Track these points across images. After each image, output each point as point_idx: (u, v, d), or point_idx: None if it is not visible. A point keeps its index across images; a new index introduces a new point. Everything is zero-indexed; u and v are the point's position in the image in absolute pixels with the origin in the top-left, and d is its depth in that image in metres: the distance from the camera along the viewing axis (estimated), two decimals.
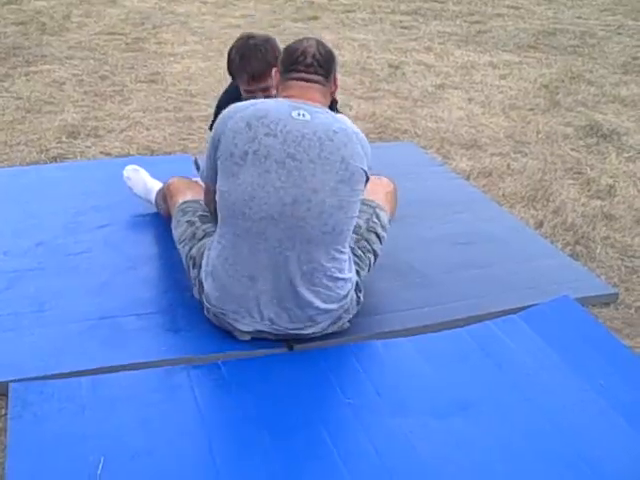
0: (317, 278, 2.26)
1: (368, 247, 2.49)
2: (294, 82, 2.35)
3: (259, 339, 2.36)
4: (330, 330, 2.37)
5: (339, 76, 2.49)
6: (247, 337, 2.35)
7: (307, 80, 2.34)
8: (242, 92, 2.85)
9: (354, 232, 2.42)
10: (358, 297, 2.42)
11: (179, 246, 2.59)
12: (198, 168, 3.64)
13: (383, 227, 2.55)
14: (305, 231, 2.21)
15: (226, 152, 2.24)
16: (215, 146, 2.30)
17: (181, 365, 2.25)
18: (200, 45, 6.17)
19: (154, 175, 3.22)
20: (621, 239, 3.18)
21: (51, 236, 3.00)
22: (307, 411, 2.10)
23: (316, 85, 2.35)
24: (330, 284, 2.29)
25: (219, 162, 2.28)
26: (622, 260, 3.01)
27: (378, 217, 2.54)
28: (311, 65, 2.33)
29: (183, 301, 2.57)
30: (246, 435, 2.00)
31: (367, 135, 4.23)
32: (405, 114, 4.65)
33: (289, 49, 2.39)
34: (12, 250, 2.89)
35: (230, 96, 2.91)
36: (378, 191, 2.63)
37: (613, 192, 3.63)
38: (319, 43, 2.39)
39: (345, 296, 2.33)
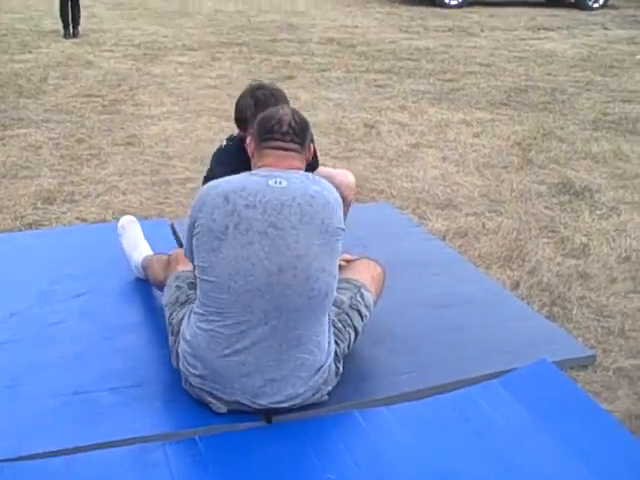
0: (303, 344, 2.25)
1: (349, 322, 2.48)
2: (270, 151, 2.37)
3: (237, 411, 2.33)
4: (310, 402, 2.34)
5: (315, 137, 2.52)
6: (224, 409, 2.32)
7: (284, 149, 2.36)
8: None
9: (336, 305, 2.42)
10: (337, 368, 2.40)
11: (165, 310, 2.58)
12: (175, 233, 3.64)
13: (367, 306, 2.54)
14: (291, 299, 2.20)
15: (204, 228, 2.24)
16: (193, 224, 2.30)
17: (157, 442, 2.21)
18: (177, 106, 6.22)
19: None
20: (596, 299, 3.20)
21: (25, 306, 2.97)
22: None
23: (292, 153, 2.38)
24: (314, 349, 2.28)
25: (195, 239, 2.28)
26: (598, 321, 3.03)
27: (362, 296, 2.54)
28: (287, 133, 2.36)
29: (159, 374, 2.54)
30: None
31: None
32: (381, 174, 4.70)
33: (264, 118, 2.41)
34: None
35: (229, 154, 2.88)
36: (364, 271, 2.63)
37: (587, 251, 3.67)
38: (294, 112, 2.42)
39: (325, 363, 2.32)
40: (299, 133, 2.38)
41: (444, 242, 3.72)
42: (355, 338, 2.51)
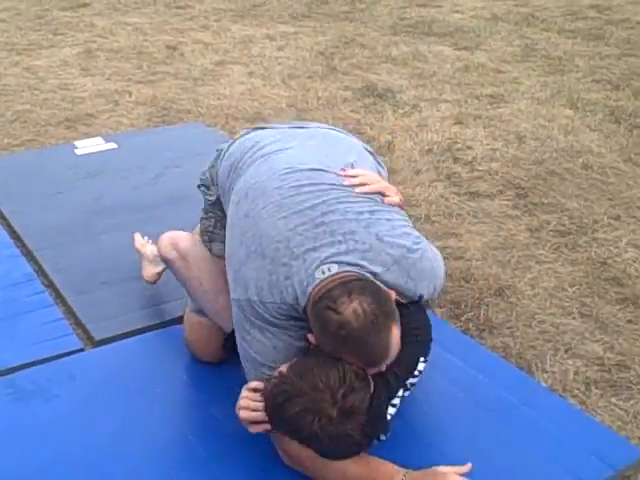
0: None
1: None
2: None
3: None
4: None
5: (116, 63, 2.34)
6: None
7: None
8: None
9: None
10: None
11: None
12: None
13: None
14: None
15: None
16: None
17: None
18: None
19: None
20: (404, 191, 3.33)
21: None
22: (113, 405, 2.06)
23: None
24: None
25: None
26: (406, 210, 3.17)
27: None
28: None
29: None
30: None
31: (150, 120, 4.22)
32: (187, 94, 4.60)
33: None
34: None
35: None
36: None
37: (392, 147, 3.81)
38: None
39: None
40: None
41: None
42: None
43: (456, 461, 1.86)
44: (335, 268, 1.72)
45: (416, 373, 1.83)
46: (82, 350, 2.30)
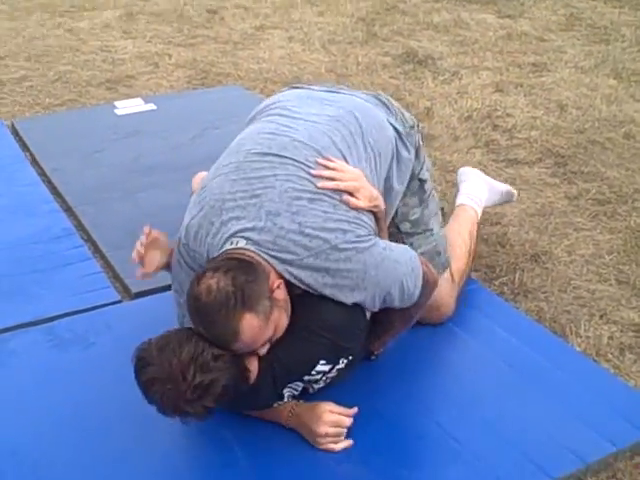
0: None
1: None
2: None
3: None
4: None
5: (157, 25, 2.37)
6: None
7: None
8: None
9: None
10: None
11: None
12: (17, 133, 3.46)
13: None
14: None
15: None
16: None
17: (14, 331, 2.18)
18: (4, 4, 5.80)
19: None
20: (441, 157, 3.33)
21: None
22: None
23: None
24: None
25: None
26: (444, 176, 3.16)
27: None
28: None
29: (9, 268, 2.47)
30: None
31: (189, 82, 4.24)
32: (226, 58, 4.61)
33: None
34: None
35: None
36: None
37: (431, 114, 3.77)
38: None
39: None
40: None
41: None
42: None
43: (487, 423, 1.87)
44: (242, 243, 1.73)
45: (314, 372, 1.76)
46: (120, 302, 2.35)
